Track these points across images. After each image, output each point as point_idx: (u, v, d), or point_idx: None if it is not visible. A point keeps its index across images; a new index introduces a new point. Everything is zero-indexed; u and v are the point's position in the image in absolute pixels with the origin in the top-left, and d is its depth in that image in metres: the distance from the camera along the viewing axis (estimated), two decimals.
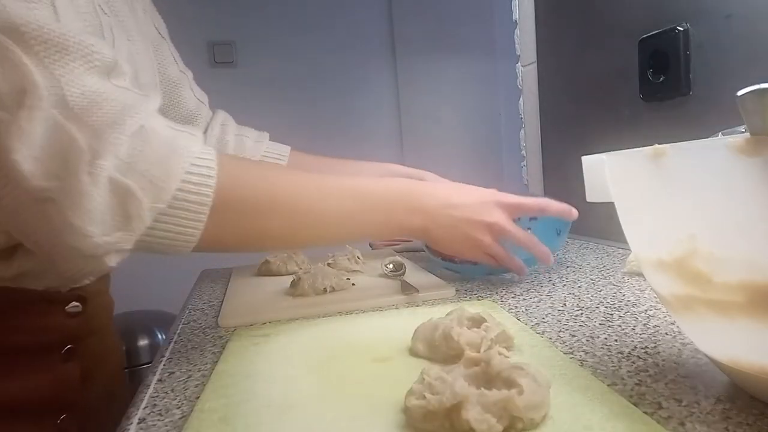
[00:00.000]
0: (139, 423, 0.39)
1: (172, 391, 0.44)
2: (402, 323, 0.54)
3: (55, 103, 0.38)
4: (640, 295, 0.63)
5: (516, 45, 1.32)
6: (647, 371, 0.41)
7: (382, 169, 0.89)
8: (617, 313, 0.56)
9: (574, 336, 0.50)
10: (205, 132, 0.83)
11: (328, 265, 0.83)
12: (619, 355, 0.44)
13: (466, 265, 0.75)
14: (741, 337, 0.32)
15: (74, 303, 0.55)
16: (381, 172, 0.88)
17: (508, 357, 0.40)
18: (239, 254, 0.56)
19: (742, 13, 0.72)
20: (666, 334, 0.49)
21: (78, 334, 0.56)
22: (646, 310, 0.56)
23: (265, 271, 0.88)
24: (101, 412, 0.61)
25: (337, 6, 2.69)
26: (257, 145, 0.86)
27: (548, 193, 1.25)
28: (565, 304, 0.61)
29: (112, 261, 0.42)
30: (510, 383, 0.33)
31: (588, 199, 0.40)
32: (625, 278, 0.72)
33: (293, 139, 0.91)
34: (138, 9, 0.67)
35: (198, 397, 0.41)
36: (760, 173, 0.27)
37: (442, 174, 0.89)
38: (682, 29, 0.80)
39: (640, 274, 0.72)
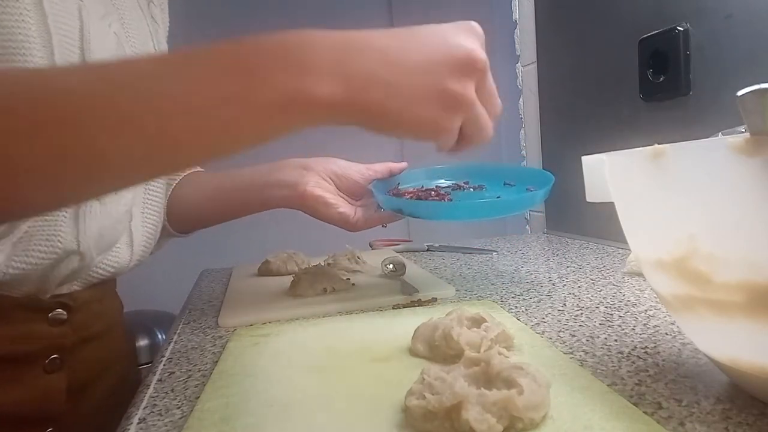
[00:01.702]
0: (139, 423, 0.39)
1: (172, 391, 0.44)
2: (402, 323, 0.54)
3: None
4: (640, 295, 0.63)
5: (516, 45, 1.32)
6: (647, 371, 0.41)
7: (271, 165, 0.73)
8: (617, 313, 0.56)
9: (574, 336, 0.50)
10: None
11: (328, 265, 0.83)
12: (619, 355, 0.44)
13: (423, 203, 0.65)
14: (741, 337, 0.32)
15: (58, 310, 0.53)
16: (271, 168, 0.72)
17: (508, 357, 0.40)
18: (239, 254, 0.55)
19: (742, 13, 0.72)
20: (666, 334, 0.49)
21: (64, 344, 0.54)
22: (646, 310, 0.56)
23: (265, 271, 0.88)
24: (104, 421, 0.59)
25: (337, 5, 2.69)
26: None
27: (549, 192, 1.25)
28: (565, 304, 0.61)
29: None
30: (510, 383, 0.33)
31: (588, 199, 0.40)
32: (625, 278, 0.72)
33: (292, 140, 0.91)
34: None
35: (198, 397, 0.41)
36: (760, 173, 0.27)
37: None
38: (682, 29, 0.80)
39: (640, 274, 0.72)
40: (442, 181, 0.77)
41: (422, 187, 0.74)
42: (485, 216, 0.63)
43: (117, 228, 0.57)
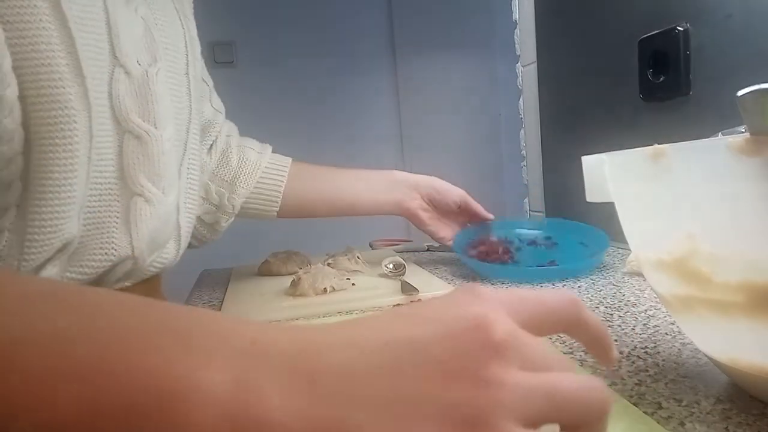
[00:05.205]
0: None
1: None
2: None
3: None
4: (640, 295, 0.63)
5: (516, 45, 1.32)
6: (647, 371, 0.41)
7: (385, 177, 0.86)
8: (617, 313, 0.56)
9: None
10: (212, 145, 0.78)
11: (328, 265, 0.83)
12: (619, 355, 0.44)
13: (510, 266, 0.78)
14: (741, 337, 0.32)
15: None
16: (386, 181, 0.86)
17: None
18: (239, 254, 0.54)
19: (742, 13, 0.72)
20: (666, 334, 0.49)
21: None
22: (646, 310, 0.56)
23: (265, 271, 0.88)
24: None
25: (338, 6, 2.69)
26: (260, 157, 0.81)
27: (548, 193, 1.25)
28: None
29: None
30: None
31: (588, 199, 0.40)
32: (625, 278, 0.72)
33: (293, 140, 0.92)
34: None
35: None
36: (760, 173, 0.27)
37: (442, 175, 0.88)
38: (682, 29, 0.80)
39: (640, 274, 0.72)
40: (524, 230, 0.91)
41: (504, 237, 0.87)
42: (538, 280, 0.72)
43: (167, 227, 0.57)
